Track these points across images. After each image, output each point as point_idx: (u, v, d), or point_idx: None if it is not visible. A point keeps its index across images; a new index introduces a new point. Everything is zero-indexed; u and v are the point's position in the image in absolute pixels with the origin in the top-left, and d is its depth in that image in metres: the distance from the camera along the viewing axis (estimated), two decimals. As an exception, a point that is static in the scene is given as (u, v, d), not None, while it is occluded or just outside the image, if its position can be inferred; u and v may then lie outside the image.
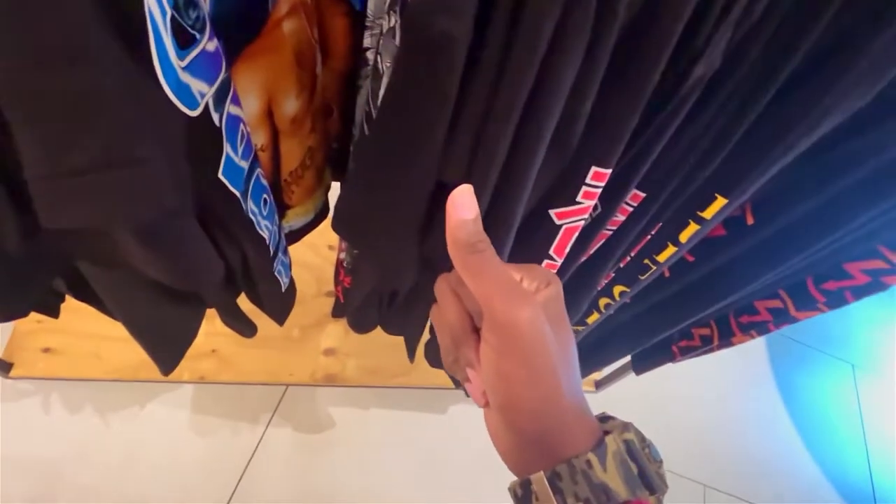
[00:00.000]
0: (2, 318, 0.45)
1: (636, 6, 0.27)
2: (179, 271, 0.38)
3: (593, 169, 0.36)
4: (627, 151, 0.36)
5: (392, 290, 0.67)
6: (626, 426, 0.28)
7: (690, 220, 0.46)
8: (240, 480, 1.08)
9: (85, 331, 1.07)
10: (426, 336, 0.92)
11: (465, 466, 1.16)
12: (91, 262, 0.42)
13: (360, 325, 0.84)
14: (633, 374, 1.06)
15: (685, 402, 1.39)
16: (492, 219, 0.36)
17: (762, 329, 0.75)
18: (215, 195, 0.43)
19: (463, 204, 0.25)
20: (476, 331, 0.28)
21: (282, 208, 0.71)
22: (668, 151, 0.38)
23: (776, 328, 0.74)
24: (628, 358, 1.00)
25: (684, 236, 0.48)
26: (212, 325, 0.84)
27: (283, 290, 0.72)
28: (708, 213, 0.44)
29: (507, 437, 0.28)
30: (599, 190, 0.38)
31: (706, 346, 0.82)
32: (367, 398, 1.21)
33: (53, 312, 0.68)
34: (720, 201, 0.42)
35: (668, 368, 0.95)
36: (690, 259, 0.60)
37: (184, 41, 0.35)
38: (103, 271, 0.45)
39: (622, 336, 0.81)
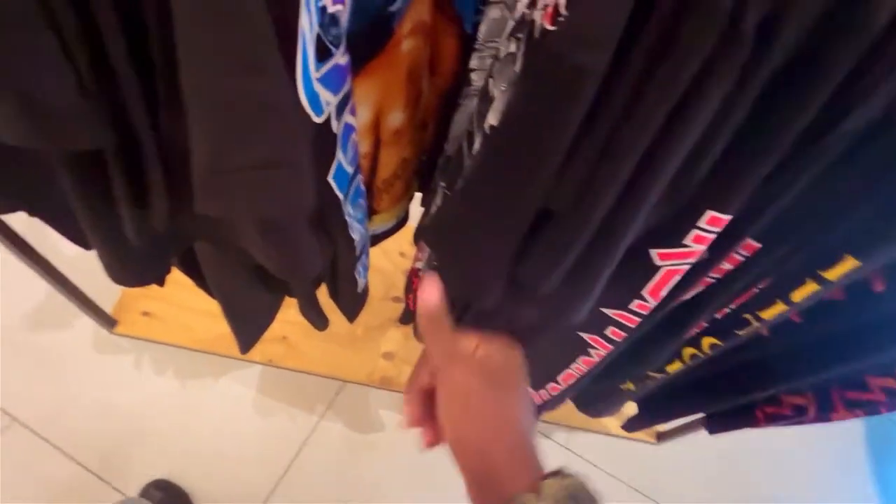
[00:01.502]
0: (137, 285, 0.51)
1: (794, 48, 0.25)
2: (287, 262, 0.41)
3: (709, 213, 0.34)
4: (750, 197, 0.34)
5: (465, 305, 0.67)
6: (572, 475, 0.30)
7: (808, 279, 0.42)
8: (290, 466, 1.13)
9: (181, 302, 1.18)
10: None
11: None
12: (209, 243, 0.47)
13: (425, 335, 0.85)
14: (702, 432, 0.98)
15: (758, 474, 1.25)
16: (593, 253, 0.35)
17: (872, 409, 0.66)
18: (322, 197, 0.46)
19: (431, 293, 0.36)
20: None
21: (369, 213, 0.74)
22: (798, 203, 0.35)
23: (888, 411, 0.65)
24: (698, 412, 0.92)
25: (798, 296, 0.43)
26: (285, 313, 0.89)
27: (358, 289, 0.75)
28: (832, 275, 0.40)
29: (463, 474, 0.33)
30: (713, 236, 0.36)
31: (798, 416, 0.74)
32: (418, 407, 1.22)
33: (161, 281, 0.76)
34: (850, 262, 0.38)
35: (743, 431, 0.86)
36: (797, 320, 0.54)
37: (322, 54, 0.38)
38: (215, 253, 0.50)
39: (702, 391, 0.75)
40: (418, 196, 0.85)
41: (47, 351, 1.16)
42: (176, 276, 0.75)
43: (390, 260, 1.39)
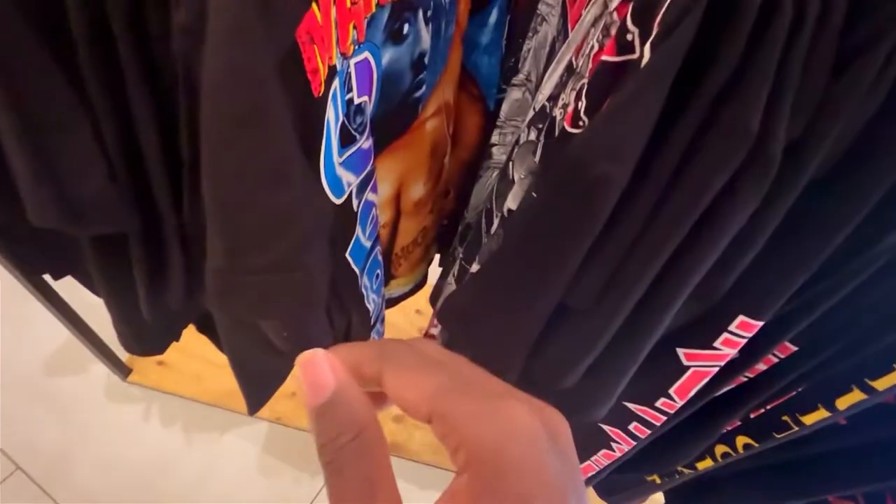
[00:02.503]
0: (146, 354, 0.51)
1: (829, 163, 0.24)
2: (300, 341, 0.40)
3: (740, 318, 0.32)
4: (785, 304, 0.32)
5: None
6: None
7: (855, 387, 0.38)
8: (290, 533, 1.06)
9: (195, 352, 1.18)
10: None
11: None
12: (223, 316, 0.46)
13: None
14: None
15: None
16: (615, 352, 0.33)
17: (932, 524, 0.58)
18: (338, 272, 0.46)
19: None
20: None
21: (387, 278, 0.74)
22: (838, 312, 0.32)
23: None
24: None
25: (843, 403, 0.39)
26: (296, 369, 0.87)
27: None
28: (881, 385, 0.36)
29: None
30: (744, 341, 0.33)
31: (849, 526, 0.66)
32: (427, 477, 1.15)
33: (178, 337, 0.76)
34: (901, 375, 0.35)
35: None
36: (843, 422, 0.49)
37: (345, 140, 0.39)
38: (230, 323, 0.50)
39: (738, 488, 0.68)
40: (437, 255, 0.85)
41: (59, 397, 1.16)
42: (191, 327, 0.75)
43: (406, 317, 1.37)
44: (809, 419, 0.43)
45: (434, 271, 0.82)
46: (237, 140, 0.23)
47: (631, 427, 0.47)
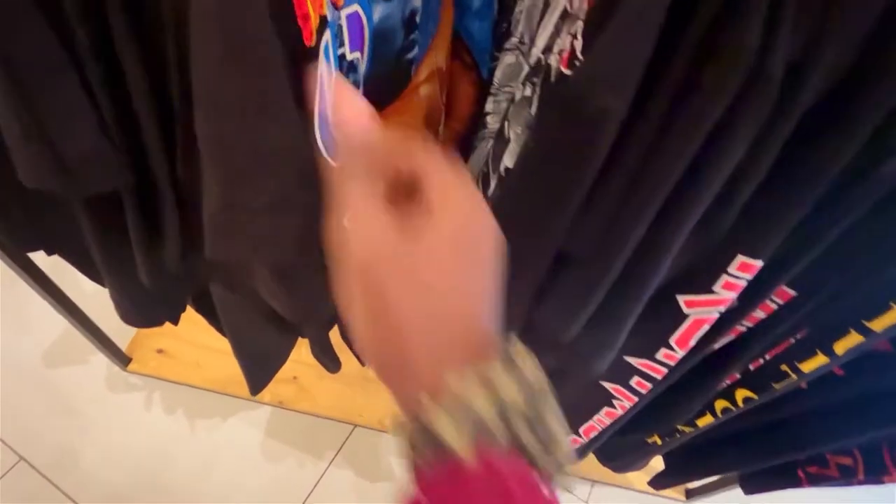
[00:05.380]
0: (146, 325, 0.50)
1: (827, 89, 0.24)
2: (299, 307, 0.40)
3: (740, 258, 0.32)
4: (784, 242, 0.32)
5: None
6: (514, 366, 0.20)
7: (852, 330, 0.38)
8: (296, 515, 1.08)
9: (194, 340, 1.18)
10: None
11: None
12: (223, 286, 0.46)
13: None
14: (735, 489, 0.90)
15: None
16: (615, 300, 0.33)
17: (929, 473, 0.60)
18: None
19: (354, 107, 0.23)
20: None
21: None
22: (838, 248, 0.33)
23: (949, 476, 0.59)
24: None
25: (841, 347, 0.40)
26: (297, 353, 0.87)
27: None
28: (878, 325, 0.37)
29: (377, 354, 0.21)
30: (744, 283, 0.33)
31: (846, 478, 0.67)
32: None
33: (175, 321, 0.75)
34: (897, 313, 0.35)
35: (782, 491, 0.79)
36: (839, 373, 0.50)
37: (339, 99, 0.38)
38: (229, 295, 0.49)
39: (736, 447, 0.69)
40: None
41: (60, 387, 1.16)
42: (191, 314, 0.75)
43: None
44: (808, 366, 0.44)
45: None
46: (228, 71, 0.22)
47: (632, 382, 0.47)
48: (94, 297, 1.03)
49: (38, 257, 0.69)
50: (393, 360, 0.21)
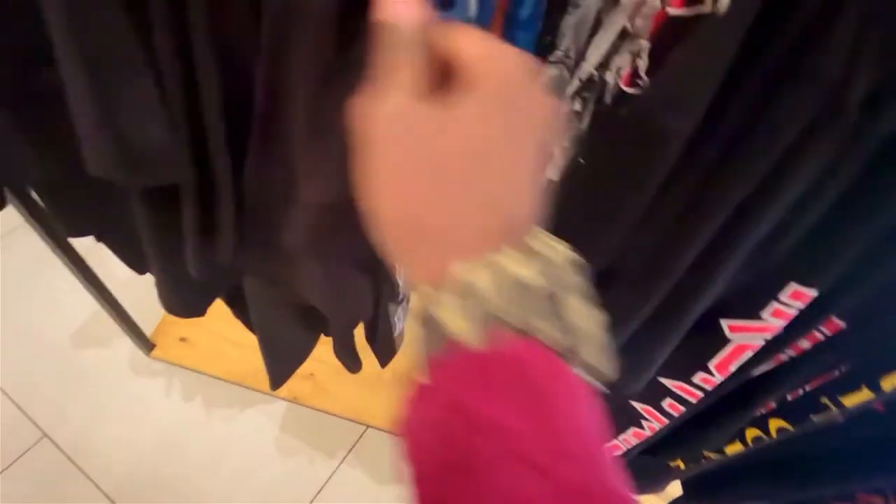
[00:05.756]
0: (188, 315, 0.51)
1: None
2: (341, 305, 0.41)
3: (792, 286, 0.31)
4: (840, 272, 0.31)
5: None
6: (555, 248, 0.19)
7: (902, 367, 0.37)
8: (305, 511, 1.08)
9: (217, 331, 1.20)
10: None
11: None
12: (262, 279, 0.47)
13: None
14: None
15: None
16: (658, 322, 0.33)
17: (965, 521, 0.57)
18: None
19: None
20: None
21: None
22: (891, 282, 0.32)
23: None
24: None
25: (889, 384, 0.39)
26: (315, 350, 0.88)
27: (395, 334, 0.74)
28: (931, 364, 0.36)
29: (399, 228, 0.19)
30: (795, 311, 0.33)
31: (877, 520, 0.65)
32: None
33: (202, 314, 0.77)
34: (954, 353, 0.34)
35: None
36: (880, 409, 0.48)
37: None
38: (263, 290, 0.50)
39: (762, 479, 0.67)
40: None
41: (85, 369, 1.19)
42: (216, 306, 0.76)
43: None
44: (850, 400, 0.42)
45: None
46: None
47: (664, 404, 0.46)
48: (125, 283, 1.06)
49: (76, 241, 0.72)
50: (411, 239, 0.19)
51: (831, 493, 0.66)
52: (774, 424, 0.51)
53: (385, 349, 0.77)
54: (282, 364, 0.81)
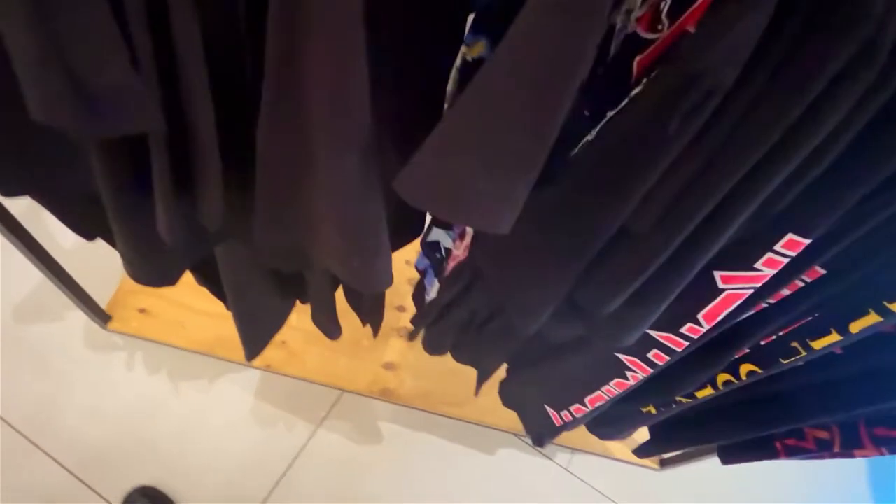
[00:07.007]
0: (159, 284, 0.47)
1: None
2: (369, 273, 0.38)
3: (789, 236, 0.32)
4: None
5: (489, 317, 0.64)
6: None
7: (871, 310, 0.40)
8: (283, 476, 1.08)
9: (179, 300, 1.14)
10: (501, 373, 0.88)
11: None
12: (239, 245, 0.44)
13: (434, 346, 0.82)
14: (706, 459, 0.96)
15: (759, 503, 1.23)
16: (663, 277, 0.33)
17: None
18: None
19: None
20: None
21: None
22: (876, 231, 0.33)
23: (915, 449, 0.64)
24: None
25: (856, 326, 0.42)
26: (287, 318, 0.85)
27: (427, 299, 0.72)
28: (898, 307, 0.38)
29: None
30: (787, 260, 0.34)
31: (821, 450, 0.72)
32: (418, 421, 1.19)
33: (174, 282, 0.72)
34: (920, 296, 0.37)
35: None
36: (837, 351, 0.52)
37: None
38: (239, 255, 0.47)
39: (724, 420, 0.73)
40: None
41: (37, 345, 1.11)
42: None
43: (395, 268, 1.36)
44: (819, 344, 0.45)
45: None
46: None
47: (650, 355, 0.48)
48: (73, 252, 0.98)
49: (12, 204, 0.64)
50: None
51: (784, 430, 0.72)
52: (745, 368, 0.54)
53: (376, 316, 0.75)
54: (257, 333, 0.78)
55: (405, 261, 1.38)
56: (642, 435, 0.96)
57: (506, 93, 0.25)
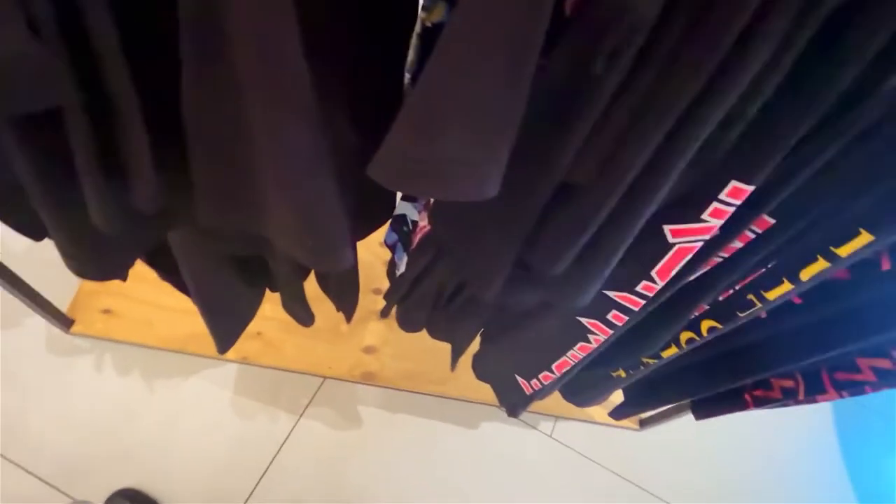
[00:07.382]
0: (103, 278, 0.45)
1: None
2: (324, 246, 0.36)
3: (733, 184, 0.32)
4: (774, 167, 0.32)
5: (456, 289, 0.64)
6: None
7: (820, 256, 0.40)
8: (268, 467, 1.07)
9: (143, 298, 1.10)
10: (475, 347, 0.88)
11: (487, 486, 1.11)
12: (189, 231, 0.41)
13: (408, 322, 0.81)
14: (683, 416, 0.98)
15: (736, 455, 1.28)
16: (608, 232, 0.33)
17: (857, 390, 0.67)
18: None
19: None
20: None
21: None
22: (819, 177, 0.33)
23: (873, 391, 0.66)
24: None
25: (806, 274, 0.42)
26: (260, 309, 0.84)
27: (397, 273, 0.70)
28: (844, 251, 0.38)
29: None
30: (733, 209, 0.33)
31: (787, 399, 0.74)
32: (401, 402, 1.19)
33: (124, 276, 0.69)
34: (864, 238, 0.37)
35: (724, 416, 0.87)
36: (797, 301, 0.53)
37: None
38: (194, 243, 0.44)
39: (692, 377, 0.74)
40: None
41: (-5, 355, 1.07)
42: (137, 270, 0.69)
43: (370, 250, 1.34)
44: (773, 294, 0.46)
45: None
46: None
47: (609, 316, 0.48)
48: (26, 254, 0.93)
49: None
50: None
51: (750, 382, 0.74)
52: (706, 325, 0.55)
53: (348, 300, 0.73)
54: (226, 325, 0.75)
55: (379, 242, 1.36)
56: (619, 398, 0.98)
57: (477, 49, 0.23)
